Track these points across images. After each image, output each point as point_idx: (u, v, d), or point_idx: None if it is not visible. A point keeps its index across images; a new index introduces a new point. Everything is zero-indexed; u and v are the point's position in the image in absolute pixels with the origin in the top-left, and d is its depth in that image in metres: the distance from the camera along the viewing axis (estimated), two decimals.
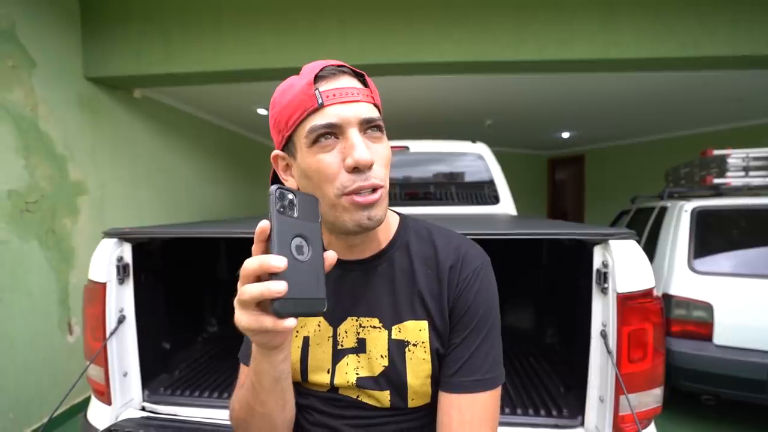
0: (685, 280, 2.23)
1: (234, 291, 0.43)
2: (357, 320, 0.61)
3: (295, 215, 0.44)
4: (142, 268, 1.30)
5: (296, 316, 0.41)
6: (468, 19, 2.40)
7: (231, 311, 0.43)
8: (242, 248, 0.49)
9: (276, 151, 0.60)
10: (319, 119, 0.51)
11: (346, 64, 0.55)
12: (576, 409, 1.18)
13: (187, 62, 2.51)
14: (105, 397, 1.20)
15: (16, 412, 2.07)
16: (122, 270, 1.21)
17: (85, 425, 1.21)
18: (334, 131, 0.52)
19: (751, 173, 2.83)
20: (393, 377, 0.59)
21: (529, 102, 4.14)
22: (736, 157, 2.82)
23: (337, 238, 0.60)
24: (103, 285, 1.18)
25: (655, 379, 1.08)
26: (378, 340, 0.60)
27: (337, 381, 0.61)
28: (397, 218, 0.67)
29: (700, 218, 2.37)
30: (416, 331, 0.59)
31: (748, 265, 2.21)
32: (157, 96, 3.34)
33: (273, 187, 0.43)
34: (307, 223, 0.44)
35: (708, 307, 2.14)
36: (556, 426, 1.14)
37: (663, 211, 2.67)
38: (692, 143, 5.04)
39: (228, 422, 0.60)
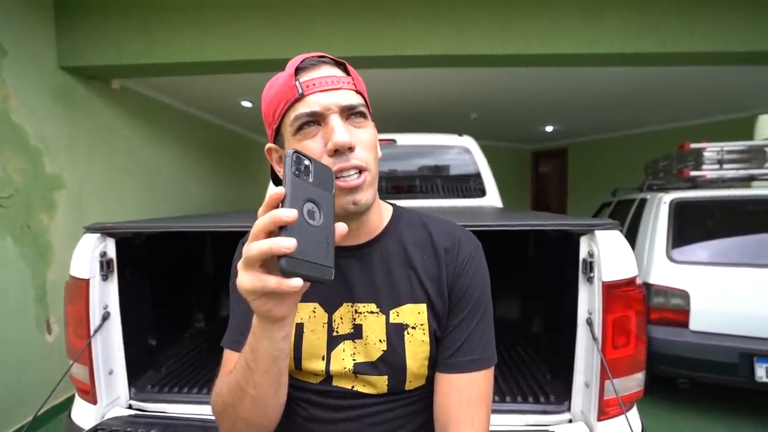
0: (664, 269, 2.31)
1: (221, 286, 0.42)
2: (352, 306, 0.61)
3: (311, 181, 0.43)
4: (126, 263, 1.27)
5: (302, 278, 0.40)
6: (455, 13, 2.40)
7: (218, 306, 0.42)
8: (229, 243, 0.48)
9: (269, 144, 0.61)
10: (302, 108, 0.53)
11: (327, 55, 0.57)
12: (562, 395, 1.21)
13: (169, 52, 2.44)
14: (90, 396, 1.17)
15: None
16: (106, 266, 1.18)
17: (70, 425, 1.18)
18: (316, 119, 0.54)
19: (725, 166, 2.94)
20: (392, 361, 0.60)
21: (513, 96, 4.18)
22: (711, 150, 2.92)
23: None
24: (86, 281, 1.15)
25: (638, 364, 1.12)
26: (376, 325, 0.60)
27: (333, 368, 0.60)
28: (390, 208, 0.68)
29: (678, 210, 2.45)
30: (415, 314, 0.60)
31: (722, 254, 2.30)
32: (137, 87, 3.24)
33: (290, 150, 0.42)
34: (320, 191, 0.44)
35: (685, 295, 2.23)
36: (544, 412, 1.18)
37: (643, 203, 2.75)
38: (670, 137, 5.19)
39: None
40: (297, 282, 0.39)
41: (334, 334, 0.61)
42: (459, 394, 0.58)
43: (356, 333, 0.61)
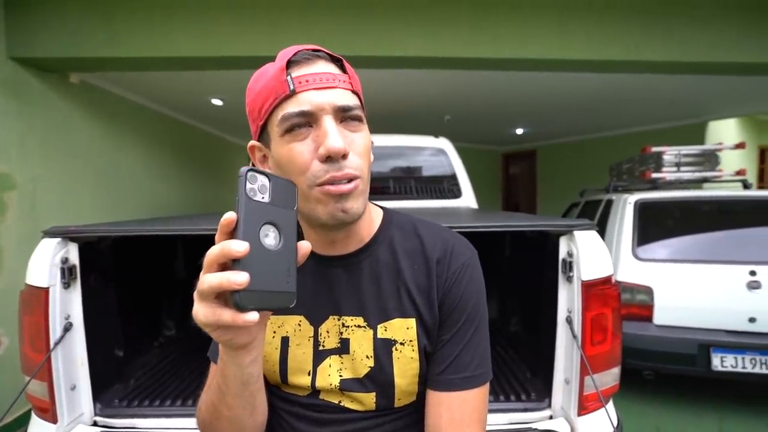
0: (630, 266, 2.42)
1: (193, 291, 0.39)
2: (339, 319, 0.58)
3: (267, 200, 0.40)
4: (90, 270, 1.19)
5: (260, 310, 0.38)
6: (430, 16, 2.42)
7: (190, 313, 0.39)
8: (201, 246, 0.45)
9: (252, 142, 0.56)
10: (292, 107, 0.49)
11: (323, 49, 0.52)
12: (543, 392, 1.24)
13: (134, 46, 2.31)
14: (49, 414, 1.08)
15: None
16: (68, 273, 1.10)
17: None
18: (307, 119, 0.49)
19: (682, 168, 3.13)
20: (379, 378, 0.57)
21: (486, 99, 4.27)
22: (670, 153, 3.10)
23: (317, 233, 0.57)
24: (45, 290, 1.06)
25: (614, 359, 1.16)
26: (363, 340, 0.57)
27: (318, 383, 0.58)
28: (380, 212, 0.64)
29: (642, 210, 2.58)
30: (404, 329, 0.57)
31: (682, 251, 2.44)
32: (98, 82, 3.06)
33: (243, 169, 0.39)
34: (280, 210, 0.41)
35: (649, 291, 2.34)
36: (526, 409, 1.19)
37: (609, 203, 2.87)
38: (632, 141, 5.48)
39: (193, 430, 0.56)
40: (252, 316, 0.37)
41: (320, 348, 0.58)
42: (450, 414, 0.54)
43: (343, 348, 0.58)
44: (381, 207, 0.66)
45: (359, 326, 0.57)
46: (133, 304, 1.53)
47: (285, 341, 0.59)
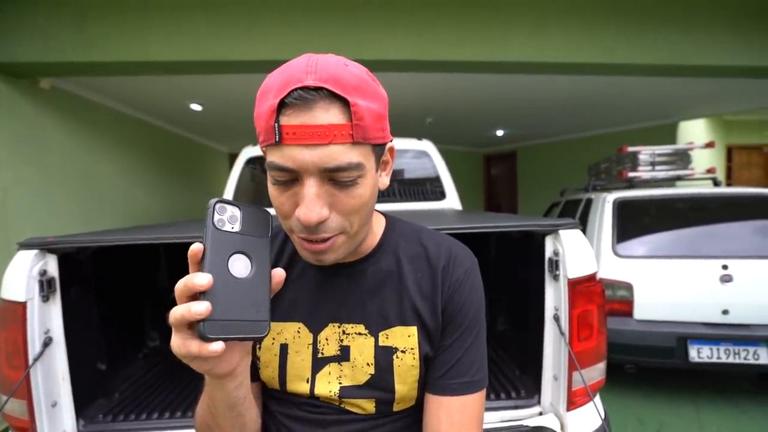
0: (610, 263, 2.49)
1: (175, 300, 0.40)
2: (340, 327, 0.58)
3: (237, 230, 0.41)
4: (70, 281, 1.14)
5: (226, 340, 0.38)
6: (412, 19, 2.44)
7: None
8: (183, 254, 0.45)
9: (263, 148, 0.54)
10: (277, 157, 0.45)
11: (330, 80, 0.43)
12: (532, 389, 1.26)
13: (107, 50, 2.25)
14: None
15: None
16: (47, 285, 1.06)
17: None
18: (291, 175, 0.45)
19: (657, 167, 3.24)
20: (380, 385, 0.57)
21: (466, 101, 4.34)
22: (645, 153, 3.21)
23: None
24: (23, 304, 1.02)
25: (600, 355, 1.19)
26: (364, 347, 0.57)
27: (317, 391, 0.58)
28: (383, 220, 0.64)
29: (620, 208, 2.66)
30: (405, 337, 0.57)
31: (659, 247, 2.52)
32: (70, 88, 2.96)
33: (211, 201, 0.40)
34: (251, 239, 0.41)
35: (629, 287, 2.42)
36: (516, 407, 1.21)
37: (589, 202, 2.95)
38: (609, 141, 5.64)
39: None
40: (216, 346, 0.38)
41: (319, 356, 0.58)
42: (450, 418, 0.55)
43: (343, 355, 0.58)
44: (383, 214, 0.66)
45: (360, 333, 0.58)
46: (115, 316, 1.48)
47: (284, 348, 0.59)
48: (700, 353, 2.28)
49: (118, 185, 3.58)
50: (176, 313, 0.37)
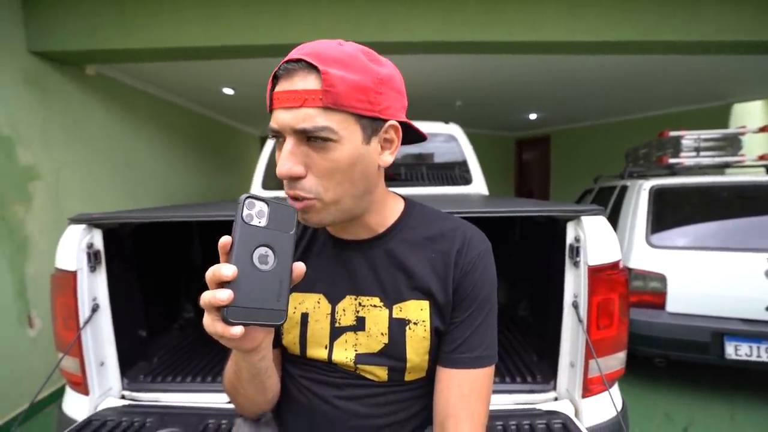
0: (643, 253, 2.40)
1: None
2: (356, 299, 0.62)
3: (263, 225, 0.44)
4: (113, 255, 1.25)
5: (246, 325, 0.43)
6: None
7: None
8: (216, 232, 0.49)
9: None
10: (271, 121, 0.53)
11: (310, 54, 0.50)
12: (548, 375, 1.26)
13: (146, 37, 2.35)
14: (82, 387, 1.16)
15: None
16: (93, 257, 1.16)
17: (62, 417, 1.17)
18: (280, 135, 0.53)
19: (702, 153, 3.04)
20: (393, 354, 0.61)
21: (497, 84, 4.20)
22: (689, 138, 3.02)
23: None
24: (74, 273, 1.13)
25: (620, 344, 1.17)
26: (379, 319, 0.61)
27: (335, 357, 0.62)
28: (401, 202, 0.67)
29: (657, 196, 2.54)
30: (417, 311, 0.61)
31: (697, 239, 2.40)
32: (113, 74, 3.12)
33: (242, 196, 0.43)
34: (277, 233, 0.44)
35: (662, 278, 2.32)
36: (531, 391, 1.22)
37: (624, 189, 2.83)
38: (649, 125, 5.32)
39: (213, 405, 0.64)
40: (236, 330, 0.42)
41: (337, 325, 0.62)
42: (460, 390, 0.59)
43: (359, 325, 0.62)
44: (403, 197, 0.69)
45: (375, 306, 0.61)
46: (153, 288, 1.60)
47: (305, 317, 0.63)
48: (738, 350, 2.18)
49: (156, 166, 3.77)
50: (205, 297, 0.42)
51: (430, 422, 0.63)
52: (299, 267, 0.47)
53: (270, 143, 2.70)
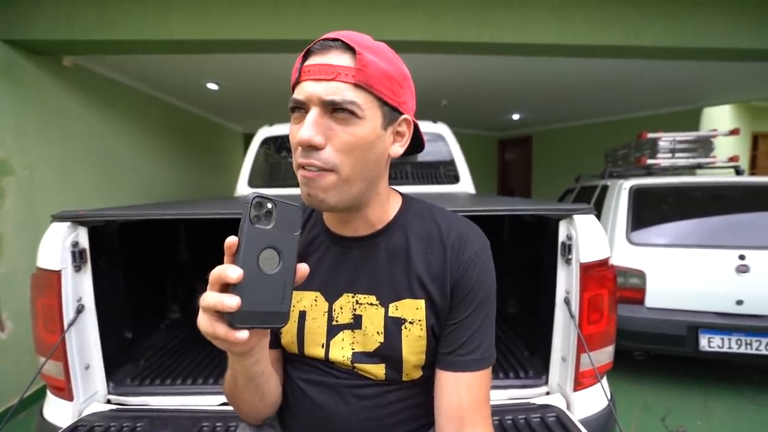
0: (624, 251, 2.48)
1: (195, 274, 0.43)
2: (353, 297, 0.61)
3: (270, 226, 0.42)
4: (98, 253, 1.20)
5: (251, 328, 0.42)
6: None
7: (193, 296, 0.43)
8: (203, 230, 0.48)
9: None
10: (296, 93, 0.54)
11: (346, 37, 0.53)
12: (540, 369, 1.29)
13: (128, 28, 2.27)
14: (65, 392, 1.11)
15: None
16: (78, 256, 1.11)
17: (43, 424, 1.12)
18: (303, 107, 0.53)
19: (677, 155, 3.17)
20: (388, 353, 0.60)
21: (482, 84, 4.26)
22: (665, 140, 3.13)
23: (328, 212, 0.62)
24: (58, 273, 1.08)
25: (609, 338, 1.21)
26: (374, 317, 0.61)
27: (331, 356, 0.62)
28: (399, 198, 0.67)
29: (637, 195, 2.63)
30: (413, 310, 0.60)
31: (674, 236, 2.50)
32: (92, 65, 3.00)
33: (251, 195, 0.42)
34: (283, 234, 0.43)
35: (642, 275, 2.41)
36: (524, 386, 1.25)
37: (604, 189, 2.92)
38: (628, 127, 5.50)
39: (204, 407, 0.62)
40: (243, 335, 0.41)
41: (334, 323, 0.62)
42: (471, 394, 0.58)
43: (356, 323, 0.61)
44: (401, 193, 0.68)
45: (371, 304, 0.61)
46: (139, 288, 1.55)
47: (302, 315, 0.63)
48: (710, 342, 2.28)
49: (138, 162, 3.65)
50: (209, 300, 0.40)
51: (432, 422, 0.62)
52: (303, 269, 0.47)
53: (257, 141, 2.66)
